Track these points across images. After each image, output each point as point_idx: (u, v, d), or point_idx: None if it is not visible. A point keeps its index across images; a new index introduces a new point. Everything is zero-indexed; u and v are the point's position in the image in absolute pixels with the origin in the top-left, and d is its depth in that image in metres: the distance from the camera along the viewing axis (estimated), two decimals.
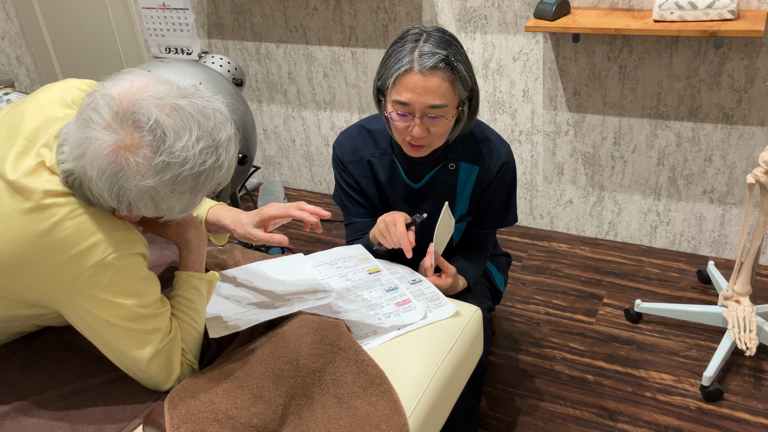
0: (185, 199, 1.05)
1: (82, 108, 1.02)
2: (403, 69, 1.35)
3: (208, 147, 1.02)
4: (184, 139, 1.00)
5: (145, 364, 1.13)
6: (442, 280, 1.53)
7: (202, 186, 1.05)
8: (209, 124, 1.03)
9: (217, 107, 1.05)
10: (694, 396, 1.93)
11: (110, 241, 1.06)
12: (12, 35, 3.52)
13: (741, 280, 1.94)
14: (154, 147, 0.98)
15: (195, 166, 1.01)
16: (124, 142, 0.98)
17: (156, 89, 1.01)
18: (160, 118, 0.98)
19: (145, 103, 0.99)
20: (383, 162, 1.61)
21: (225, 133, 1.05)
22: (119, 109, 0.99)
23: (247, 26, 2.95)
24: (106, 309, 1.07)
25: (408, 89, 1.36)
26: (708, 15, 2.02)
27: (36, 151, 1.06)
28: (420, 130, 1.39)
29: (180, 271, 1.23)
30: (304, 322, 1.26)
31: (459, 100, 1.41)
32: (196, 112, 1.02)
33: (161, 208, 1.05)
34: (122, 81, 1.03)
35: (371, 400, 1.17)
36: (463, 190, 1.61)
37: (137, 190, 1.00)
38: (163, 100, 1.00)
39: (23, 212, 1.02)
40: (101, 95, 1.01)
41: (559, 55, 2.42)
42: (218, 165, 1.05)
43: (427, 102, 1.36)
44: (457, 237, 1.71)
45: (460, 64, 1.38)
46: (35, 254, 1.02)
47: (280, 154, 3.25)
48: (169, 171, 1.00)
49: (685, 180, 2.45)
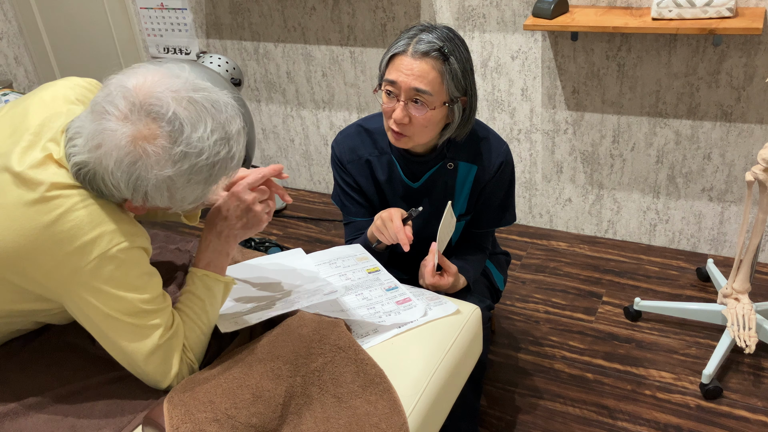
0: (199, 190, 1.08)
1: (96, 100, 1.04)
2: (398, 50, 1.40)
3: (221, 138, 1.06)
4: (200, 131, 1.03)
5: (143, 359, 1.13)
6: (444, 279, 1.53)
7: (215, 177, 1.08)
8: (222, 116, 1.06)
9: (227, 101, 1.09)
10: (694, 394, 1.93)
11: (114, 233, 1.07)
12: (10, 35, 3.52)
13: (740, 278, 1.94)
14: (173, 138, 1.02)
15: (210, 156, 1.05)
16: (141, 133, 1.01)
17: (170, 82, 1.04)
18: (177, 110, 1.02)
19: (163, 96, 1.02)
20: (382, 161, 1.61)
21: (236, 126, 1.09)
22: (136, 100, 1.01)
23: (246, 26, 2.95)
24: (108, 302, 1.08)
25: (397, 69, 1.39)
26: (706, 13, 2.02)
27: (42, 146, 1.08)
28: (401, 113, 1.40)
29: (195, 268, 1.23)
30: (303, 322, 1.26)
31: (448, 96, 1.41)
32: (210, 105, 1.05)
33: (175, 198, 1.07)
34: (136, 75, 1.05)
35: (371, 399, 1.17)
36: (462, 190, 1.61)
37: (155, 179, 1.03)
38: (179, 93, 1.03)
39: (28, 203, 1.03)
40: (116, 87, 1.03)
41: (558, 54, 2.42)
42: (230, 156, 1.08)
43: (412, 85, 1.38)
44: (455, 236, 1.71)
45: (455, 60, 1.39)
46: (39, 245, 1.03)
47: (279, 153, 3.25)
48: (186, 161, 1.03)
49: (684, 178, 2.45)
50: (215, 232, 1.23)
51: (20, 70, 3.60)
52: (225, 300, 1.28)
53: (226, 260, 1.25)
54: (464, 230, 1.72)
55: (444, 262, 1.54)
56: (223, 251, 1.24)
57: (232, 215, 1.22)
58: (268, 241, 2.61)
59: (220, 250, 1.24)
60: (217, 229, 1.23)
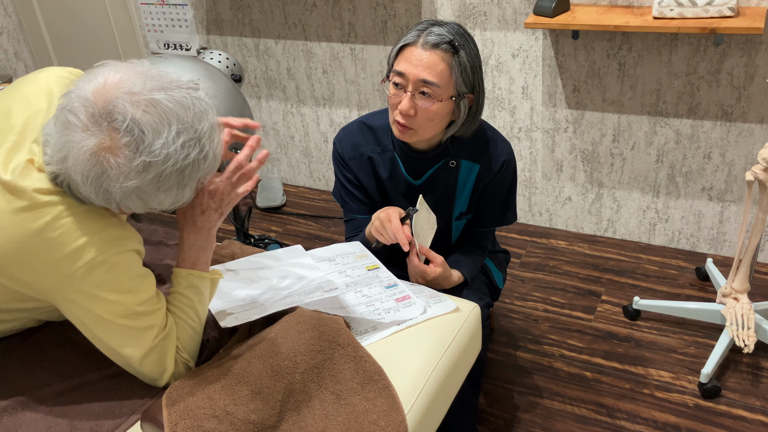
0: (173, 194, 1.03)
1: (59, 109, 1.00)
2: (408, 42, 1.40)
3: (189, 140, 1.00)
4: (164, 136, 0.97)
5: (138, 361, 1.13)
6: (431, 269, 1.53)
7: (188, 179, 1.03)
8: (189, 115, 1.00)
9: (196, 96, 1.02)
10: (692, 393, 1.94)
11: (103, 239, 1.05)
12: (10, 30, 3.51)
13: (739, 278, 1.94)
14: (133, 147, 0.96)
15: (178, 162, 0.99)
16: (103, 144, 0.96)
17: (130, 84, 0.98)
18: (136, 115, 0.96)
19: (120, 102, 0.96)
20: (384, 158, 1.61)
21: (206, 123, 1.02)
22: (95, 110, 0.96)
23: (246, 22, 2.94)
24: (100, 306, 1.07)
25: (406, 60, 1.40)
26: (707, 12, 2.02)
27: (28, 148, 1.05)
28: (407, 104, 1.40)
29: (178, 268, 1.21)
30: (302, 318, 1.26)
31: (456, 90, 1.42)
32: (174, 104, 0.99)
33: (150, 204, 1.04)
34: (96, 77, 1.00)
35: (369, 397, 1.17)
36: (464, 188, 1.61)
37: (122, 191, 0.99)
38: (138, 96, 0.97)
39: (16, 211, 1.01)
40: (76, 96, 0.98)
41: (559, 52, 2.42)
42: (203, 156, 1.02)
43: (421, 76, 1.38)
44: (456, 235, 1.71)
45: (465, 54, 1.40)
46: (29, 251, 1.02)
47: (279, 150, 3.25)
48: (151, 170, 0.98)
49: (684, 177, 2.45)
50: (195, 228, 1.17)
51: (20, 65, 3.60)
52: (213, 295, 1.26)
53: (210, 253, 1.21)
54: (465, 229, 1.72)
55: (427, 252, 1.54)
56: (206, 246, 1.20)
57: (209, 208, 1.16)
58: (267, 238, 2.61)
59: (204, 246, 1.19)
60: (197, 225, 1.17)
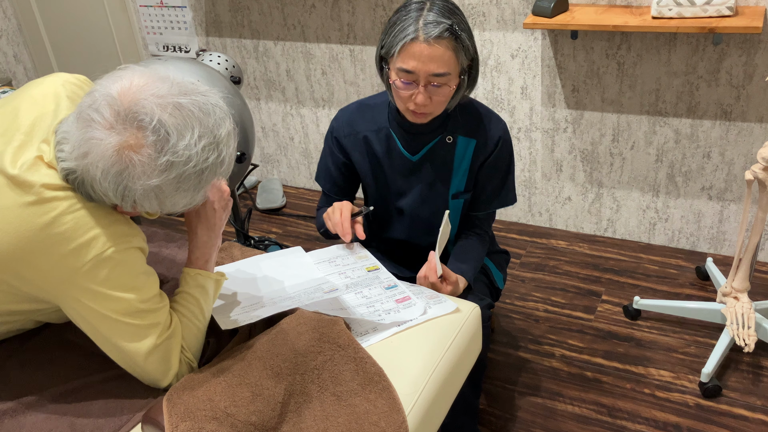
0: (189, 195, 1.07)
1: (81, 107, 1.02)
2: (409, 38, 1.38)
3: (209, 144, 1.04)
4: (187, 138, 1.01)
5: (143, 359, 1.13)
6: (444, 287, 1.53)
7: (205, 182, 1.07)
8: (210, 121, 1.04)
9: (215, 102, 1.07)
10: (693, 392, 1.94)
11: (109, 235, 1.07)
12: (9, 33, 3.52)
13: (739, 277, 1.94)
14: (158, 147, 1.00)
15: (198, 164, 1.03)
16: (128, 143, 0.99)
17: (156, 87, 1.02)
18: (162, 117, 1.00)
19: (147, 103, 1.00)
20: (380, 136, 1.62)
21: (225, 129, 1.07)
22: (121, 109, 0.99)
23: (245, 24, 2.94)
24: (105, 303, 1.08)
25: (413, 57, 1.39)
26: (706, 11, 2.02)
27: (36, 146, 1.07)
28: (423, 98, 1.43)
29: (188, 268, 1.23)
30: (302, 320, 1.26)
31: (461, 68, 1.44)
32: (197, 109, 1.03)
33: (165, 205, 1.06)
34: (121, 79, 1.03)
35: (370, 398, 1.17)
36: (461, 164, 1.61)
37: (142, 189, 1.02)
38: (165, 98, 1.01)
39: (23, 206, 1.03)
40: (101, 95, 1.01)
41: (558, 52, 2.42)
42: (220, 161, 1.07)
43: (431, 70, 1.39)
44: (455, 220, 1.71)
45: (464, 33, 1.41)
46: (35, 247, 1.03)
47: (279, 151, 3.25)
48: (173, 170, 1.02)
49: (684, 177, 2.45)
50: (209, 225, 1.23)
51: (19, 67, 3.60)
52: (217, 296, 1.28)
53: (211, 256, 1.26)
54: (465, 216, 1.71)
55: (445, 270, 1.54)
56: (215, 244, 1.25)
57: (219, 206, 1.23)
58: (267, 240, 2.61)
59: (213, 244, 1.25)
60: (211, 222, 1.23)
